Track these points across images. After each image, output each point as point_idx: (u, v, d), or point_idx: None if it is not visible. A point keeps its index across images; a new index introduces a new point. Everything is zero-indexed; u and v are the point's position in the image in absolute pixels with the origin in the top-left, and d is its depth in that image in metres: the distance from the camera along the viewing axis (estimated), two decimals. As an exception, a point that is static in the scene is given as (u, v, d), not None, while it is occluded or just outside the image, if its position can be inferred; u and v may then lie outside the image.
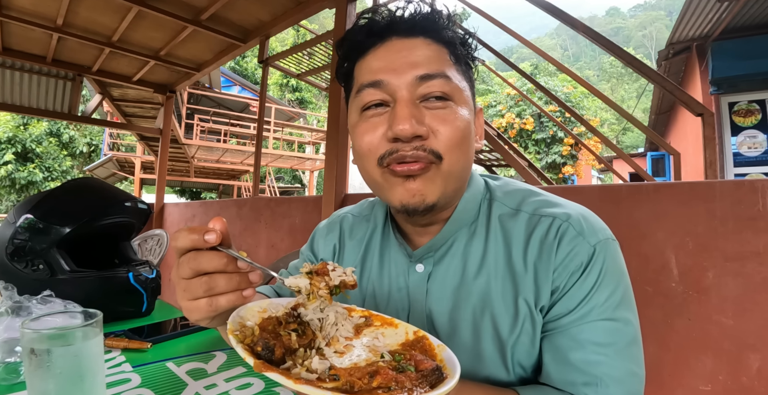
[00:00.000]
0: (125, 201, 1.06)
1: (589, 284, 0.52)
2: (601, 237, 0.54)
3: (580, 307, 0.52)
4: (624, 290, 0.54)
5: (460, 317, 0.58)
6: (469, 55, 0.60)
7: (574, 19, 2.26)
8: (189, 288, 0.44)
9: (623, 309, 0.53)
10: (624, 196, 1.32)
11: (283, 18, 2.74)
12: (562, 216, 0.56)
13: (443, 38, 0.57)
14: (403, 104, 0.53)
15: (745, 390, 1.09)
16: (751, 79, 4.61)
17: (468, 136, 0.55)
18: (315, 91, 18.38)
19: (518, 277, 0.55)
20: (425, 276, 0.61)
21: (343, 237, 0.74)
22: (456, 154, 0.54)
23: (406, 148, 0.52)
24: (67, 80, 3.92)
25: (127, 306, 1.03)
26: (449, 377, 0.35)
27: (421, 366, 0.37)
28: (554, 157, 10.62)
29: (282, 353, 0.38)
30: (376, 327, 0.46)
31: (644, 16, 65.43)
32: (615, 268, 0.54)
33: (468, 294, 0.58)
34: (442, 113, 0.53)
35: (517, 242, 0.57)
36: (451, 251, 0.60)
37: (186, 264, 0.43)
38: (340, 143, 2.16)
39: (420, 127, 0.51)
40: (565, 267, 0.53)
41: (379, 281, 0.66)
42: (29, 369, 0.48)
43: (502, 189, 0.64)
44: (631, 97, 36.73)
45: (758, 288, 1.09)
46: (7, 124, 13.58)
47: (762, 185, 1.10)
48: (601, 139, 3.41)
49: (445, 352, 0.40)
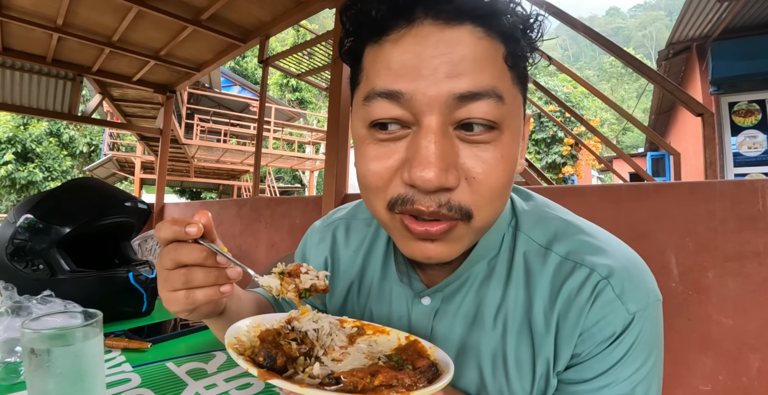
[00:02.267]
0: (125, 201, 1.06)
1: (615, 357, 0.43)
2: (644, 303, 0.44)
3: (596, 380, 0.44)
4: (654, 361, 0.45)
5: (466, 366, 0.49)
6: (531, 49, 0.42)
7: (574, 19, 2.26)
8: (169, 279, 0.43)
9: (647, 384, 0.44)
10: (624, 196, 1.32)
11: (283, 18, 2.74)
12: (603, 270, 0.44)
13: (502, 30, 0.39)
14: (431, 136, 0.37)
15: (745, 390, 1.09)
16: (751, 79, 4.62)
17: (512, 178, 0.41)
18: (315, 91, 18.38)
19: (537, 335, 0.46)
20: (431, 312, 0.52)
21: (336, 249, 0.63)
22: (495, 205, 0.41)
23: (426, 202, 0.38)
24: (67, 80, 3.92)
25: (127, 306, 1.03)
26: (444, 373, 0.37)
27: (417, 364, 0.38)
28: (554, 157, 10.63)
29: (284, 361, 0.38)
30: (369, 335, 0.47)
31: (644, 16, 65.44)
32: (651, 337, 0.44)
33: (478, 344, 0.49)
34: (485, 154, 0.38)
35: (541, 291, 0.46)
36: (464, 288, 0.50)
37: (167, 255, 0.43)
38: (340, 143, 2.16)
39: (449, 175, 0.37)
40: (593, 334, 0.43)
41: (378, 305, 0.57)
42: (29, 369, 0.48)
43: (531, 216, 0.51)
44: (631, 97, 36.74)
45: (758, 288, 1.09)
46: (7, 124, 13.58)
47: (762, 185, 1.10)
48: (601, 139, 3.41)
49: (438, 353, 0.41)
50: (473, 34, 0.38)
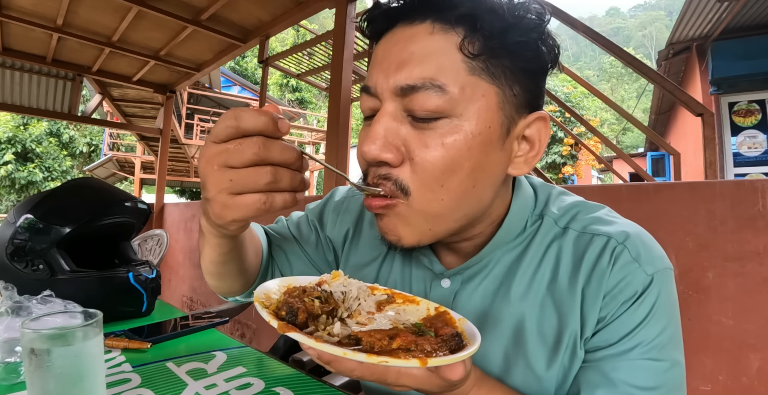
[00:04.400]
0: (125, 201, 1.06)
1: (639, 317, 0.44)
2: (660, 266, 0.46)
3: (622, 342, 0.45)
4: (675, 328, 0.46)
5: (485, 347, 0.50)
6: (518, 43, 0.41)
7: (574, 19, 2.26)
8: (240, 179, 0.36)
9: (672, 349, 0.45)
10: (624, 196, 1.32)
11: (283, 18, 2.75)
12: (618, 236, 0.47)
13: (459, 19, 0.40)
14: (378, 117, 0.42)
15: (745, 390, 1.09)
16: (751, 79, 4.62)
17: (461, 164, 0.41)
18: (315, 91, 18.38)
19: (564, 306, 0.47)
20: (451, 294, 0.53)
21: (362, 223, 0.64)
22: (433, 188, 0.42)
23: (370, 174, 0.44)
24: (67, 80, 3.92)
25: (127, 306, 1.03)
26: (469, 344, 0.36)
27: (441, 332, 0.37)
28: (554, 157, 10.63)
29: (305, 318, 0.38)
30: (398, 304, 0.46)
31: (644, 16, 65.44)
32: (669, 303, 0.46)
33: (496, 322, 0.50)
34: (428, 140, 0.41)
35: (564, 265, 0.48)
36: (484, 272, 0.52)
37: (249, 149, 0.35)
38: (340, 143, 2.16)
39: (386, 151, 0.41)
40: (615, 295, 0.45)
41: (398, 285, 0.59)
42: (29, 369, 0.48)
43: (557, 202, 0.54)
44: (631, 97, 36.75)
45: (758, 288, 1.09)
46: (7, 124, 13.58)
47: (762, 185, 1.10)
48: (601, 139, 3.41)
49: (466, 324, 0.40)
50: (426, 30, 0.41)
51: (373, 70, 0.44)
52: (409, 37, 0.42)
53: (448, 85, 0.40)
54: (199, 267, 3.14)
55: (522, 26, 0.42)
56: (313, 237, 0.68)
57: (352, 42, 2.34)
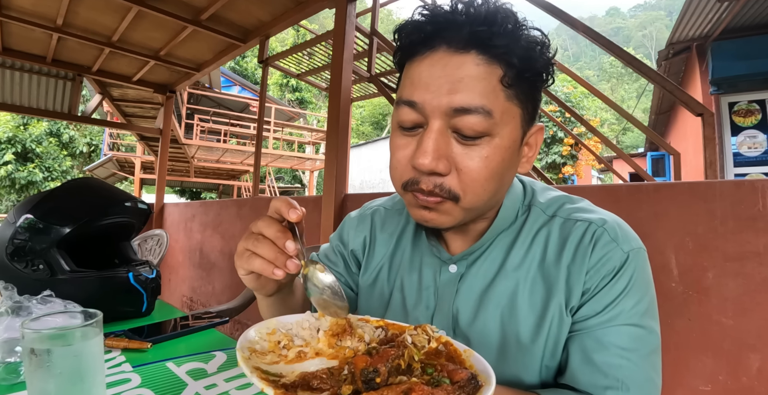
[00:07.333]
0: (125, 201, 1.06)
1: (618, 289, 0.53)
2: (634, 245, 0.55)
3: (607, 310, 0.53)
4: (650, 300, 0.55)
5: (486, 317, 0.58)
6: (537, 73, 0.52)
7: (574, 19, 2.26)
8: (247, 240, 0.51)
9: (649, 318, 0.54)
10: (624, 196, 1.32)
11: (283, 18, 2.75)
12: (598, 221, 0.56)
13: (501, 58, 0.49)
14: (430, 134, 0.50)
15: (745, 390, 1.09)
16: (751, 79, 4.62)
17: (498, 172, 0.52)
18: (315, 91, 18.38)
19: (551, 279, 0.56)
20: (457, 277, 0.62)
21: (374, 231, 0.75)
22: (478, 192, 0.52)
23: (425, 183, 0.51)
24: (67, 80, 3.92)
25: (127, 306, 1.03)
26: (485, 384, 0.34)
27: (456, 377, 0.35)
28: (554, 157, 10.64)
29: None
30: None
31: (644, 16, 65.45)
32: (644, 278, 0.55)
33: (495, 295, 0.59)
34: (472, 153, 0.50)
35: (552, 246, 0.57)
36: (486, 254, 0.61)
37: (260, 221, 0.50)
38: (340, 143, 2.16)
39: (439, 163, 0.49)
40: (597, 270, 0.54)
41: (408, 276, 0.67)
42: (29, 369, 0.48)
43: (543, 195, 0.64)
44: (631, 97, 36.76)
45: (758, 288, 1.09)
46: (7, 124, 13.58)
47: (762, 185, 1.10)
48: (601, 139, 3.41)
49: (473, 357, 0.39)
50: (473, 61, 0.48)
51: (417, 88, 0.50)
52: (459, 65, 0.49)
53: (494, 112, 0.49)
54: (199, 267, 3.16)
55: (545, 60, 0.51)
56: (340, 260, 0.78)
57: (352, 42, 2.33)
